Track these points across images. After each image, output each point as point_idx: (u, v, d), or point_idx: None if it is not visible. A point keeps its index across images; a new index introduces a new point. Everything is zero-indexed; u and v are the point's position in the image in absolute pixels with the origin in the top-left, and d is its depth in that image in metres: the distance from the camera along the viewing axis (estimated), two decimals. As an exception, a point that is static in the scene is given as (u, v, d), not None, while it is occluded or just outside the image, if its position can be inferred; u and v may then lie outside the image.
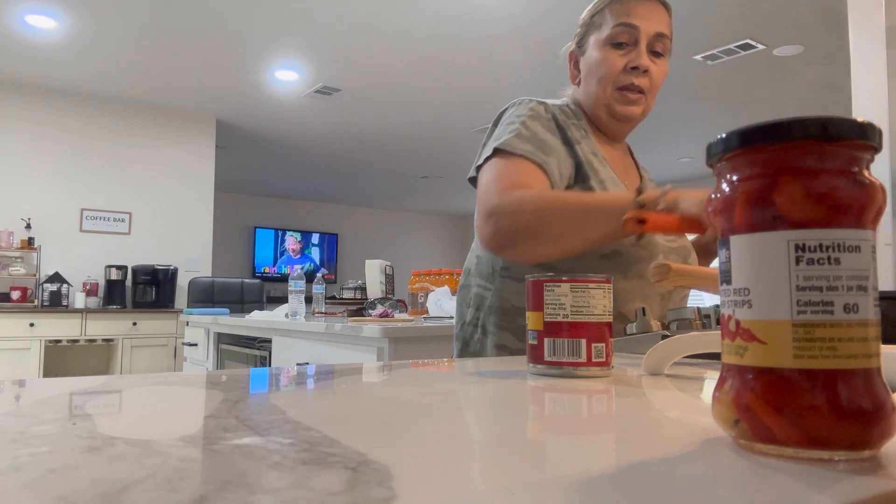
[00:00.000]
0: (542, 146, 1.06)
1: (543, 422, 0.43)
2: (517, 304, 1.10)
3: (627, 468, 0.30)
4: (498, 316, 1.12)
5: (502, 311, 1.12)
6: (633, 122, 1.16)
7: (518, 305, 1.10)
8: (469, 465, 0.31)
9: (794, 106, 5.60)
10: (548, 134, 1.09)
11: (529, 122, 1.09)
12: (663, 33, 1.11)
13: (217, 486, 0.26)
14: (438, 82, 5.15)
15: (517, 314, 1.10)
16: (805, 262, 0.33)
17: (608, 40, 1.12)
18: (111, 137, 5.74)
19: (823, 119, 0.33)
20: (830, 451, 0.31)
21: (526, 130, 1.07)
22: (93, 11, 4.06)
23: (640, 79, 1.11)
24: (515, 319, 1.10)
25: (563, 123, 1.13)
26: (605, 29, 1.12)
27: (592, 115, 1.18)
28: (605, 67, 1.12)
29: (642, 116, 1.16)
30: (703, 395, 0.56)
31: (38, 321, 4.99)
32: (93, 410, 0.45)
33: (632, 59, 1.10)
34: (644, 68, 1.09)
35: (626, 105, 1.12)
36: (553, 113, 1.13)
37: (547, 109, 1.13)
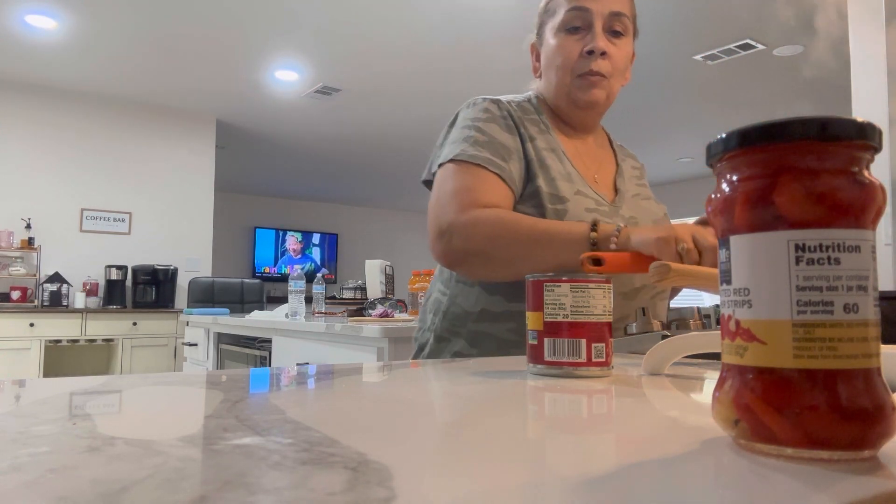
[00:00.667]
0: (499, 151, 1.03)
1: (543, 422, 0.43)
2: (470, 310, 1.08)
3: (627, 468, 0.30)
4: (451, 321, 1.10)
5: (455, 317, 1.09)
6: (598, 108, 1.11)
7: (471, 311, 1.08)
8: (469, 465, 0.31)
9: (793, 106, 5.60)
10: (504, 134, 1.06)
11: (485, 126, 1.05)
12: (620, 12, 1.06)
13: (217, 486, 0.26)
14: (438, 83, 5.15)
15: (469, 319, 1.08)
16: (805, 262, 0.33)
17: (562, 26, 1.08)
18: (111, 137, 5.74)
19: (823, 119, 0.33)
20: (830, 451, 0.31)
21: (482, 135, 1.04)
22: (93, 11, 4.06)
23: (599, 62, 1.05)
24: (467, 324, 1.08)
25: (519, 119, 1.09)
26: (559, 15, 1.08)
27: (555, 105, 1.13)
28: (561, 55, 1.07)
29: (608, 101, 1.10)
30: (703, 395, 0.56)
31: (38, 321, 4.99)
32: (93, 410, 0.45)
33: (587, 42, 1.05)
34: (601, 51, 1.04)
35: (586, 91, 1.07)
36: (508, 110, 1.09)
37: (501, 107, 1.09)
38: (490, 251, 0.96)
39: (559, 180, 1.05)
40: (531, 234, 0.95)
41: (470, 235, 0.97)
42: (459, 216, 0.97)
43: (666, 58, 4.62)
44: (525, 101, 1.14)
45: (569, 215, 1.02)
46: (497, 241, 0.96)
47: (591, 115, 1.13)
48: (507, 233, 0.95)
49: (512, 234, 0.95)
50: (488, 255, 0.97)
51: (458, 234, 0.97)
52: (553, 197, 1.03)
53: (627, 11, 1.08)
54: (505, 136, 1.05)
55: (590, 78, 1.06)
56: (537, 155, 1.06)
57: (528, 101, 1.15)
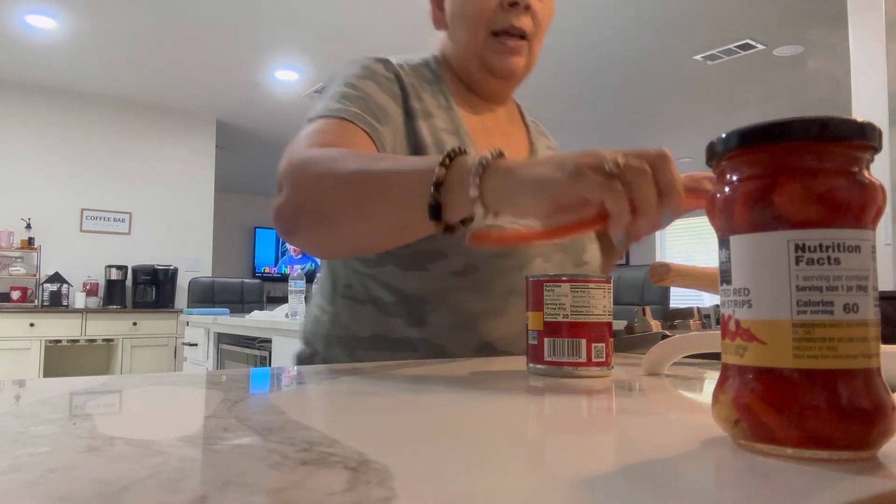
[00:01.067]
0: (373, 110, 0.81)
1: (543, 422, 0.43)
2: (360, 334, 0.86)
3: (627, 468, 0.30)
4: (337, 348, 0.88)
5: (340, 342, 0.88)
6: (515, 78, 0.91)
7: (361, 335, 0.86)
8: (469, 465, 0.31)
9: (793, 106, 5.60)
10: (385, 97, 0.83)
11: (360, 82, 0.84)
12: None
13: (217, 486, 0.26)
14: (438, 82, 5.16)
15: (360, 346, 0.86)
16: (805, 262, 0.33)
17: None
18: (111, 137, 5.74)
19: (823, 119, 0.33)
20: (830, 451, 0.31)
21: (354, 91, 0.82)
22: (93, 11, 4.06)
23: (522, 18, 0.86)
24: (356, 352, 0.86)
25: (412, 87, 0.87)
26: None
27: (461, 69, 0.92)
28: (474, 4, 0.86)
29: (527, 70, 0.91)
30: (703, 395, 0.56)
31: (38, 321, 4.99)
32: (93, 410, 0.45)
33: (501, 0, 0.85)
34: (525, 3, 0.85)
35: (504, 56, 0.87)
36: (397, 73, 0.87)
37: (388, 68, 0.87)
38: (318, 201, 0.68)
39: None
40: (367, 173, 0.64)
41: (301, 179, 0.69)
42: (294, 158, 0.71)
43: (666, 58, 4.62)
44: (422, 65, 0.92)
45: None
46: (324, 184, 0.67)
47: (504, 86, 0.93)
48: (338, 172, 0.66)
49: (344, 173, 0.65)
50: (316, 207, 0.68)
51: (288, 181, 0.70)
52: None
53: None
54: (383, 98, 0.83)
55: (508, 42, 0.86)
56: (434, 137, 0.84)
57: (425, 66, 0.92)
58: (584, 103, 5.57)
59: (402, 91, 0.86)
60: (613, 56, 4.59)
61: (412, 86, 0.88)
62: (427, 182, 0.57)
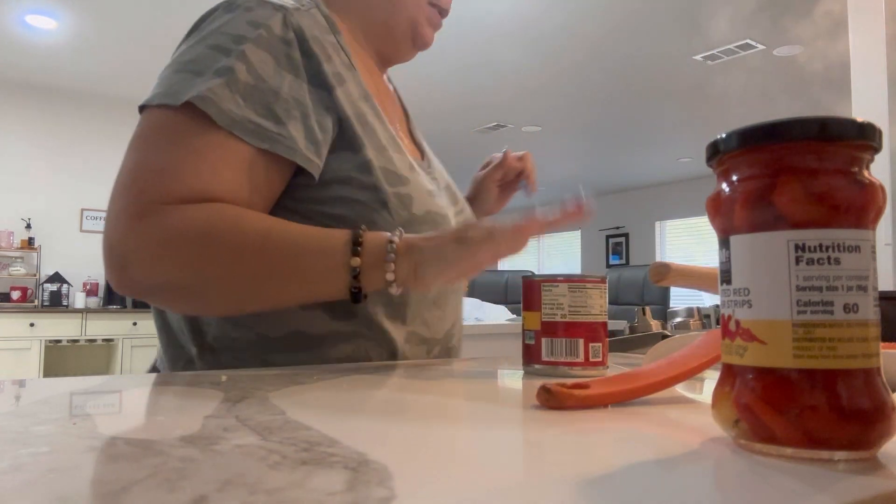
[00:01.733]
0: (270, 107, 0.64)
1: (543, 422, 0.43)
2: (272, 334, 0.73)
3: (627, 468, 0.30)
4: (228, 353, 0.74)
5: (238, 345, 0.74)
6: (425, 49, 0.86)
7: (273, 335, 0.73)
8: (469, 465, 0.31)
9: (793, 106, 5.60)
10: (284, 75, 0.67)
11: (253, 56, 0.65)
12: None
13: (217, 486, 0.26)
14: (438, 82, 5.15)
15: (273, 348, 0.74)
16: (805, 262, 0.33)
17: None
18: (111, 137, 5.74)
19: (823, 119, 0.33)
20: (830, 451, 0.31)
21: (245, 74, 0.64)
22: (93, 11, 4.06)
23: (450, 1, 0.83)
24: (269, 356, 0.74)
25: (314, 49, 0.70)
26: None
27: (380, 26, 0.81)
28: None
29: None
30: (703, 395, 0.56)
31: (38, 321, 4.99)
32: (93, 410, 0.45)
33: None
34: None
35: (431, 30, 0.83)
36: (297, 31, 0.69)
37: (287, 25, 0.69)
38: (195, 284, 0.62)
39: (390, 149, 0.73)
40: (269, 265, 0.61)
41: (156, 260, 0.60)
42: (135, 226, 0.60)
43: (666, 58, 4.62)
44: (313, 8, 0.75)
45: (415, 203, 0.72)
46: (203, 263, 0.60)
47: (409, 57, 0.86)
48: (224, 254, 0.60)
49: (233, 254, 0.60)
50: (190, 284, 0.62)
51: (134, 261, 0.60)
52: (391, 175, 0.71)
53: None
54: (283, 80, 0.67)
55: (439, 18, 0.83)
56: (354, 109, 0.71)
57: (315, 8, 0.75)
58: (585, 103, 5.58)
59: (307, 56, 0.69)
60: (613, 56, 4.59)
61: (318, 43, 0.71)
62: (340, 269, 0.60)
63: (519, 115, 5.95)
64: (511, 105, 5.66)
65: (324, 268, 0.61)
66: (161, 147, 0.62)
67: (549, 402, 0.47)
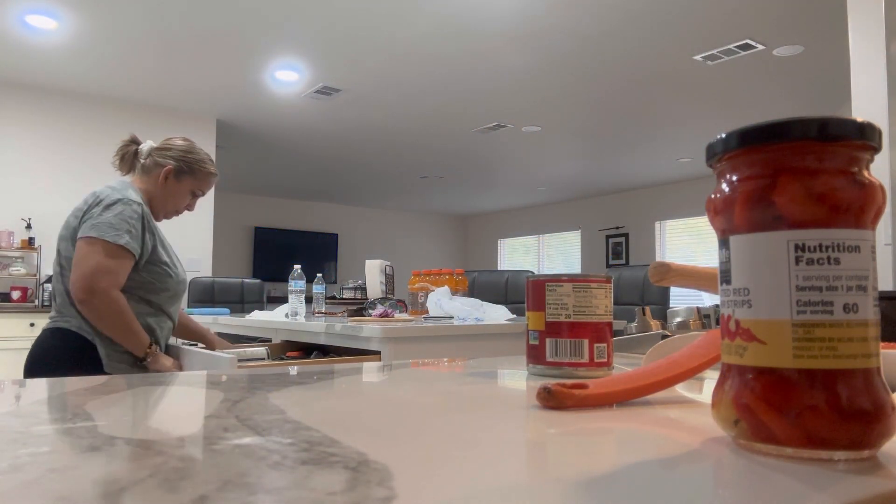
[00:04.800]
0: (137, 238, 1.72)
1: (543, 422, 0.43)
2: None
3: (627, 468, 0.30)
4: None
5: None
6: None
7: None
8: (469, 465, 0.31)
9: (793, 106, 5.60)
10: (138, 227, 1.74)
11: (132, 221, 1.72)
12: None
13: (217, 486, 0.26)
14: (438, 82, 5.15)
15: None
16: (805, 262, 0.33)
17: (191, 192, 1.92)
18: (111, 137, 5.74)
19: (823, 119, 0.33)
20: (830, 451, 0.31)
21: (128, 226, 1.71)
22: (93, 12, 4.06)
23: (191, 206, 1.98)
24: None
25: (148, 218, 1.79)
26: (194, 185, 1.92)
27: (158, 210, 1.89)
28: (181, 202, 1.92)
29: None
30: (703, 395, 0.56)
31: (38, 321, 4.99)
32: (93, 410, 0.45)
33: (191, 204, 1.96)
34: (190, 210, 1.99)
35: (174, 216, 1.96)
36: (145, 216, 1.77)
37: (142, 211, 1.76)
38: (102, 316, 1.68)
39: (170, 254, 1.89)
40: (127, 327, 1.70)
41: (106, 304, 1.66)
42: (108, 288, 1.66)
43: (666, 58, 4.62)
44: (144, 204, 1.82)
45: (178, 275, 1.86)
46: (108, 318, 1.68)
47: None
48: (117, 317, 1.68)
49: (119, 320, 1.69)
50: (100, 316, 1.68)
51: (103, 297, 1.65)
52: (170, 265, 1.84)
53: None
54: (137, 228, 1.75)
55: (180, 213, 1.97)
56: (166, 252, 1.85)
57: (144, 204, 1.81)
58: (585, 103, 5.58)
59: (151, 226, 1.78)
60: (614, 56, 4.59)
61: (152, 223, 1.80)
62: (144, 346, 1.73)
63: (519, 115, 5.96)
64: (511, 105, 5.66)
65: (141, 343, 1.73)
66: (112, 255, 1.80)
67: (548, 402, 0.47)
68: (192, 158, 1.90)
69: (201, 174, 1.90)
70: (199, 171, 1.90)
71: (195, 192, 1.91)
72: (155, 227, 1.78)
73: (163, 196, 1.86)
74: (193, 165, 1.89)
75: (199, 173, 1.90)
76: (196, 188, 1.90)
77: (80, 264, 1.63)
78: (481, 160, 7.73)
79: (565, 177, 8.59)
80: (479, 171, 8.31)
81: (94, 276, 1.61)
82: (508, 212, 11.26)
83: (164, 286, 1.78)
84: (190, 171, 1.89)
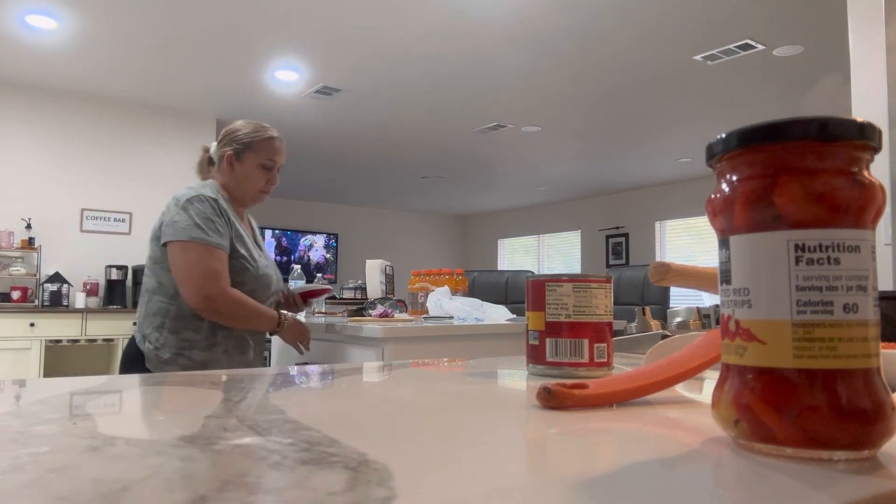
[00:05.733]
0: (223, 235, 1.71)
1: (543, 422, 0.43)
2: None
3: (627, 468, 0.30)
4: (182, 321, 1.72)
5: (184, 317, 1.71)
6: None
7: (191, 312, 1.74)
8: (469, 465, 0.31)
9: (794, 106, 5.59)
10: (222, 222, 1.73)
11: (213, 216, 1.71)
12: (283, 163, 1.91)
13: (217, 486, 0.26)
14: (438, 82, 5.15)
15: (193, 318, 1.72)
16: (805, 262, 0.33)
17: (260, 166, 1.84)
18: (111, 137, 5.74)
19: (823, 119, 0.33)
20: (830, 451, 0.31)
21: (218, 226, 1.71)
22: (93, 12, 4.06)
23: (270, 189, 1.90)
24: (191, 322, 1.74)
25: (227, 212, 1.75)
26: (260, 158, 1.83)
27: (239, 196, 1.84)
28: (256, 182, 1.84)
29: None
30: (703, 395, 0.56)
31: (38, 321, 4.99)
32: (93, 410, 0.45)
33: (271, 179, 1.87)
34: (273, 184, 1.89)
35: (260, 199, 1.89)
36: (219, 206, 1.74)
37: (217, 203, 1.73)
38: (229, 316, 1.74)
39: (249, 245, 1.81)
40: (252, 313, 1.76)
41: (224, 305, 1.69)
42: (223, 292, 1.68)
43: (666, 58, 4.62)
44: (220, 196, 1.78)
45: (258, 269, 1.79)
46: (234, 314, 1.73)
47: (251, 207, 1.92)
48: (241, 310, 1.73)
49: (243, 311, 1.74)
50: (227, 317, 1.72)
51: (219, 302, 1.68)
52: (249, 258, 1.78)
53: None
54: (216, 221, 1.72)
55: (265, 194, 1.88)
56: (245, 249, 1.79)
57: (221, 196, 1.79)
58: (585, 103, 5.57)
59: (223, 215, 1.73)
60: (613, 56, 4.59)
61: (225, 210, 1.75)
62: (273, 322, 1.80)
63: (519, 115, 5.95)
64: (511, 105, 5.66)
65: (269, 321, 1.80)
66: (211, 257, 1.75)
67: (548, 402, 0.47)
68: (245, 134, 1.82)
69: (259, 144, 1.81)
70: (255, 143, 1.81)
71: (265, 165, 1.81)
72: (233, 221, 1.73)
73: (236, 182, 1.80)
74: (248, 141, 1.81)
75: (257, 144, 1.81)
76: (262, 161, 1.80)
77: (189, 276, 1.64)
78: (481, 160, 7.73)
79: (565, 177, 8.59)
80: (479, 171, 8.30)
81: (206, 284, 1.62)
82: (508, 212, 11.26)
83: (241, 280, 1.72)
84: (247, 147, 1.80)
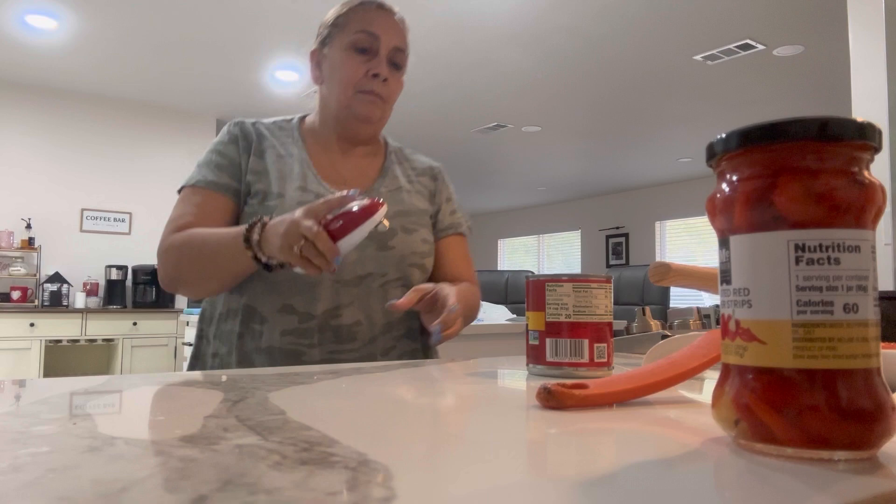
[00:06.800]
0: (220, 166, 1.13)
1: (543, 422, 0.43)
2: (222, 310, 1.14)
3: (627, 468, 0.30)
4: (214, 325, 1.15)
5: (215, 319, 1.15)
6: (371, 123, 1.17)
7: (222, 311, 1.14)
8: (469, 465, 0.31)
9: (794, 106, 5.59)
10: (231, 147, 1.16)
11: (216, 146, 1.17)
12: (402, 48, 1.17)
13: (217, 486, 0.26)
14: (438, 82, 5.15)
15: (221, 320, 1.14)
16: (805, 262, 0.33)
17: (351, 45, 1.15)
18: (111, 137, 5.74)
19: (823, 119, 0.33)
20: (830, 451, 0.31)
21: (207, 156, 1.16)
22: (93, 12, 4.06)
23: (381, 86, 1.14)
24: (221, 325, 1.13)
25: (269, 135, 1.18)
26: (348, 33, 1.15)
27: (333, 115, 1.19)
28: (347, 71, 1.14)
29: (381, 122, 1.19)
30: (703, 395, 0.56)
31: (38, 321, 4.99)
32: (93, 410, 0.45)
33: (372, 67, 1.13)
34: (384, 77, 1.13)
35: (366, 106, 1.15)
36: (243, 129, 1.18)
37: (238, 127, 1.18)
38: (180, 275, 1.07)
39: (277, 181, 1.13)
40: (202, 251, 1.04)
41: (164, 263, 1.08)
42: (162, 244, 1.09)
43: (666, 58, 4.62)
44: (284, 122, 1.25)
45: (278, 209, 1.07)
46: (180, 265, 1.06)
47: (364, 128, 1.19)
48: (186, 255, 1.05)
49: (188, 255, 1.05)
50: (181, 277, 1.07)
51: (161, 261, 1.09)
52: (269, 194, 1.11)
53: (406, 50, 1.19)
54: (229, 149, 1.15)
55: (369, 97, 1.14)
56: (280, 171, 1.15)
57: (287, 123, 1.25)
58: (585, 103, 5.57)
59: (247, 140, 1.17)
60: (614, 56, 4.59)
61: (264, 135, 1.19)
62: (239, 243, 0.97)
63: (519, 115, 5.95)
64: (511, 105, 5.66)
65: (234, 246, 0.98)
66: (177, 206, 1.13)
67: (548, 402, 0.47)
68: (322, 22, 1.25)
69: (344, 19, 1.17)
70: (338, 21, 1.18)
71: (356, 46, 1.13)
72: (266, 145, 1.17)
73: (329, 82, 1.17)
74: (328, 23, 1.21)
75: (341, 19, 1.17)
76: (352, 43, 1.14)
77: None
78: (481, 160, 7.73)
79: (565, 177, 8.59)
80: (478, 171, 8.30)
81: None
82: (508, 212, 11.25)
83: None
84: (329, 33, 1.19)
